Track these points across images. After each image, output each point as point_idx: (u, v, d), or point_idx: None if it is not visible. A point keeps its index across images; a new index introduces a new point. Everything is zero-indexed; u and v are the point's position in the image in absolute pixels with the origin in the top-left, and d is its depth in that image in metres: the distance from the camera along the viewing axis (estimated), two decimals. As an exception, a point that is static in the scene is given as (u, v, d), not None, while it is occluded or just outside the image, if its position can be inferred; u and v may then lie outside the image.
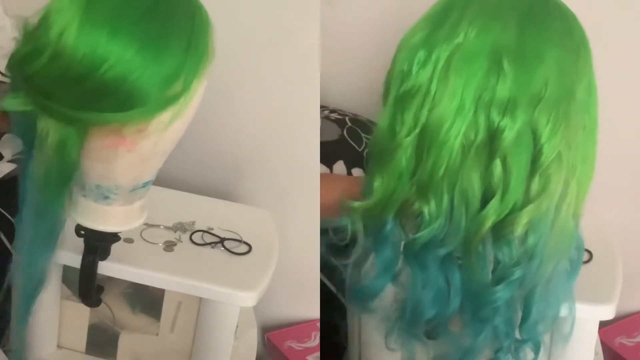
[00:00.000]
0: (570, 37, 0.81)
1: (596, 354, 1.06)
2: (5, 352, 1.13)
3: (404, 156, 0.80)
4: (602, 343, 1.24)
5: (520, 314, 0.85)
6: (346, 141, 1.34)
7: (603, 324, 1.01)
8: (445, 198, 0.80)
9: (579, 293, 0.92)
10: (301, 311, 1.48)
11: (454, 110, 0.78)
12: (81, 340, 1.16)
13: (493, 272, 0.83)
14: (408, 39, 0.82)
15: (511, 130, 0.77)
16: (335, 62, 1.33)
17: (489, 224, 0.79)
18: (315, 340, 1.43)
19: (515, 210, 0.79)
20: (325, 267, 1.27)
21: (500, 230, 0.80)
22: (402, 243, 0.85)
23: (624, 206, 1.37)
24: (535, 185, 0.78)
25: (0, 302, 1.01)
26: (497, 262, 0.82)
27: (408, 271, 0.85)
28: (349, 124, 1.38)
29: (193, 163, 1.37)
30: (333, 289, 1.37)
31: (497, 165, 0.78)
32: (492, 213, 0.79)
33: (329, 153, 1.32)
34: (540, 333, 0.87)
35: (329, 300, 1.25)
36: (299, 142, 1.35)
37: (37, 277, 0.96)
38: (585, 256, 1.03)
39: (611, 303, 0.96)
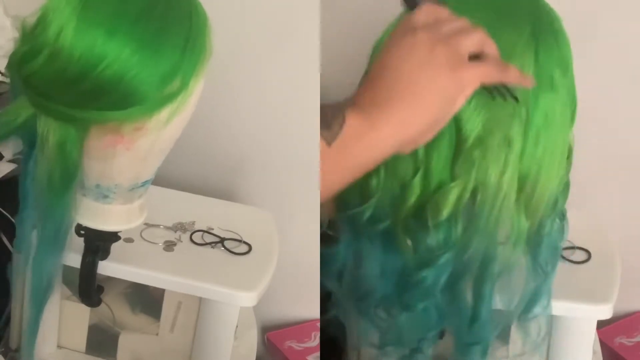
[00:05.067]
0: (513, 25, 0.79)
1: (594, 353, 1.06)
2: (4, 352, 1.13)
3: None
4: (602, 343, 1.24)
5: (469, 315, 0.84)
6: (346, 141, 1.34)
7: (602, 324, 1.01)
8: (382, 172, 0.81)
9: (577, 292, 0.92)
10: (301, 311, 1.48)
11: None
12: (81, 340, 1.16)
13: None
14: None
15: None
16: (335, 62, 1.33)
17: (412, 199, 0.80)
18: (315, 340, 1.43)
19: (439, 191, 0.79)
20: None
21: (426, 212, 0.80)
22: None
23: (623, 206, 1.37)
24: (458, 168, 0.78)
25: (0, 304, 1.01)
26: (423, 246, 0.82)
27: (361, 249, 0.86)
28: (349, 124, 1.38)
29: (193, 163, 1.37)
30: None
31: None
32: (415, 190, 0.80)
33: (328, 153, 1.32)
34: (489, 335, 0.86)
35: (329, 300, 1.25)
36: (299, 142, 1.35)
37: (46, 280, 0.96)
38: (584, 255, 1.04)
39: (609, 302, 0.96)
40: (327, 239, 0.90)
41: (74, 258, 1.00)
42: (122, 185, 0.91)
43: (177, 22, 0.82)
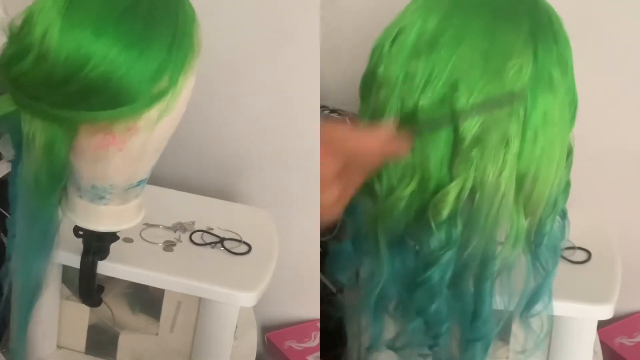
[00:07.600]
0: (512, 25, 0.80)
1: (595, 353, 1.06)
2: (4, 353, 1.13)
3: None
4: (603, 343, 1.24)
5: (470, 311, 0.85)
6: (346, 141, 1.34)
7: (603, 324, 1.01)
8: (384, 176, 0.83)
9: (577, 292, 0.92)
10: (301, 311, 1.48)
11: (390, 93, 0.81)
12: (81, 340, 1.16)
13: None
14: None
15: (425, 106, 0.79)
16: (336, 62, 1.33)
17: (411, 204, 0.82)
18: (315, 340, 1.43)
19: (439, 192, 0.80)
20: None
21: (427, 214, 0.81)
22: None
23: (624, 206, 1.37)
24: (456, 167, 0.79)
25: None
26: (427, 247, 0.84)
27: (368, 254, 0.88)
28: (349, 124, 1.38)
29: (193, 163, 1.38)
30: (333, 289, 1.37)
31: (416, 141, 0.80)
32: (414, 191, 0.81)
33: (328, 153, 1.32)
34: (491, 332, 0.86)
35: (329, 301, 1.25)
36: (299, 142, 1.35)
37: (34, 281, 0.95)
38: (584, 256, 1.04)
39: (609, 303, 0.96)
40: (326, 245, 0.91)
41: (73, 258, 1.00)
42: (118, 185, 0.91)
43: (163, 20, 0.82)
